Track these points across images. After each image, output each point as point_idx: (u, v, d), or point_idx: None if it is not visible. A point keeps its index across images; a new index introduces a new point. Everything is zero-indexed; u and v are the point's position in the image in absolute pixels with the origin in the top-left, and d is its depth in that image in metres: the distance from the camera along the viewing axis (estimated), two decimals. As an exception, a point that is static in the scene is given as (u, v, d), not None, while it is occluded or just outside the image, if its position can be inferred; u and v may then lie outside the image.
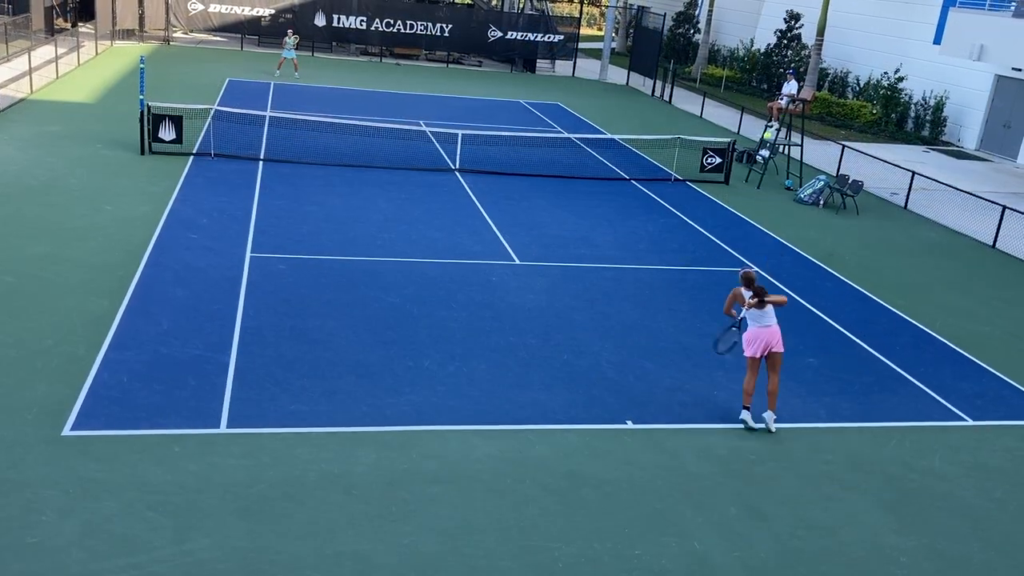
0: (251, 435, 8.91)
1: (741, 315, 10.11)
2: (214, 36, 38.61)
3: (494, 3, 42.69)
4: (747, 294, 9.97)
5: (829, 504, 8.77)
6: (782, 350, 9.96)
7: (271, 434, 8.97)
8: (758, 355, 9.89)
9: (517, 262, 14.76)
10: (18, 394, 9.23)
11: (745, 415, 10.01)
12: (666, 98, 35.24)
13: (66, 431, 8.66)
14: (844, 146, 24.99)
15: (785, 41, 37.84)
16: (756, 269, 14.26)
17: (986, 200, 20.33)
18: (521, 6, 41.92)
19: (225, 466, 8.35)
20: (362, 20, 37.93)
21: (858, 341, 12.90)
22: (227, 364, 10.28)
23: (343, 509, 7.92)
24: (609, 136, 24.88)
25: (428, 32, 38.72)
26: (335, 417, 9.40)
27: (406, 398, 9.95)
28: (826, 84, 36.58)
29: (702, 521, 8.28)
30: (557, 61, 41.33)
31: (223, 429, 8.97)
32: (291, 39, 30.84)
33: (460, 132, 21.45)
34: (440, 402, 9.94)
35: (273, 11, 37.08)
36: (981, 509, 8.96)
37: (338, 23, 37.73)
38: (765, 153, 22.89)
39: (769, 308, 9.91)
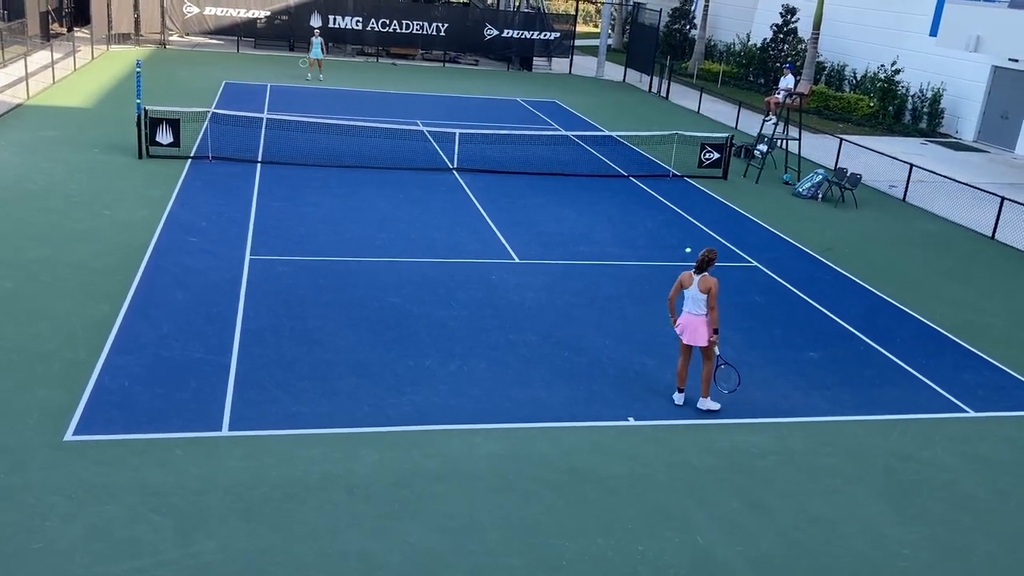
0: (253, 437, 8.92)
1: (720, 365, 10.24)
2: (210, 39, 38.60)
3: (490, 2, 42.67)
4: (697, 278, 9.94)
5: (831, 497, 8.79)
6: (695, 343, 9.95)
7: (273, 436, 8.98)
8: (684, 341, 10.08)
9: (516, 260, 14.77)
10: (19, 399, 9.24)
11: (676, 397, 10.32)
12: (663, 94, 35.24)
13: (68, 436, 8.67)
14: (842, 139, 24.99)
15: (781, 35, 37.84)
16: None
17: (984, 191, 20.34)
18: (517, 4, 41.91)
19: (227, 468, 8.36)
20: (358, 20, 37.91)
21: (858, 334, 12.90)
22: (228, 366, 10.29)
23: (346, 509, 7.93)
24: (607, 133, 24.87)
25: (424, 32, 38.70)
26: (337, 418, 9.41)
27: (407, 398, 9.96)
28: (823, 78, 36.58)
29: (704, 515, 8.29)
30: (553, 59, 41.30)
31: (225, 431, 8.97)
32: (319, 39, 31.12)
33: (457, 131, 21.46)
34: (441, 401, 9.95)
35: (269, 13, 37.07)
36: (983, 500, 8.97)
37: (334, 24, 37.72)
38: (763, 147, 22.89)
39: (694, 293, 9.85)
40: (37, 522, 7.40)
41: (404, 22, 38.38)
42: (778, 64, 36.68)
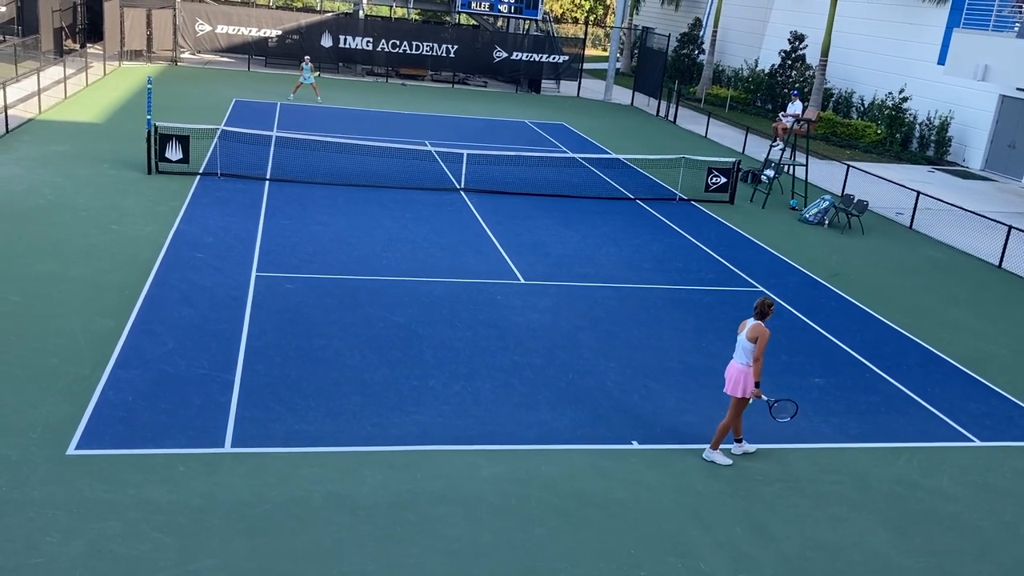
0: (256, 454, 8.90)
1: (773, 403, 9.57)
2: (221, 57, 38.86)
3: (499, 24, 42.90)
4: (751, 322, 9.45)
5: (836, 524, 8.72)
6: (733, 394, 9.43)
7: (276, 454, 8.95)
8: (725, 389, 9.62)
9: (522, 281, 14.76)
10: (23, 413, 9.23)
11: (735, 447, 9.84)
12: (671, 118, 35.35)
13: (71, 450, 8.66)
14: (849, 166, 25.02)
15: (789, 62, 37.97)
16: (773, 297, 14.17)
17: (992, 220, 20.32)
18: (526, 27, 42.16)
19: (230, 486, 8.33)
20: (368, 41, 38.16)
21: (864, 361, 12.85)
22: (232, 383, 10.28)
23: (349, 529, 7.89)
24: (614, 156, 24.93)
25: (434, 53, 38.93)
26: (340, 437, 9.39)
27: (411, 418, 9.93)
28: (831, 104, 36.67)
29: (708, 541, 8.23)
30: (562, 81, 41.49)
31: (228, 448, 8.95)
32: (308, 64, 30.99)
33: (465, 152, 21.53)
34: (445, 422, 9.92)
35: (280, 32, 37.34)
36: (989, 530, 8.90)
37: (344, 44, 37.96)
38: (770, 173, 22.92)
39: (742, 340, 9.42)
40: (38, 537, 7.38)
41: (414, 43, 38.62)
42: (786, 90, 36.80)
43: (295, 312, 12.51)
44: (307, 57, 32.12)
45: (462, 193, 20.31)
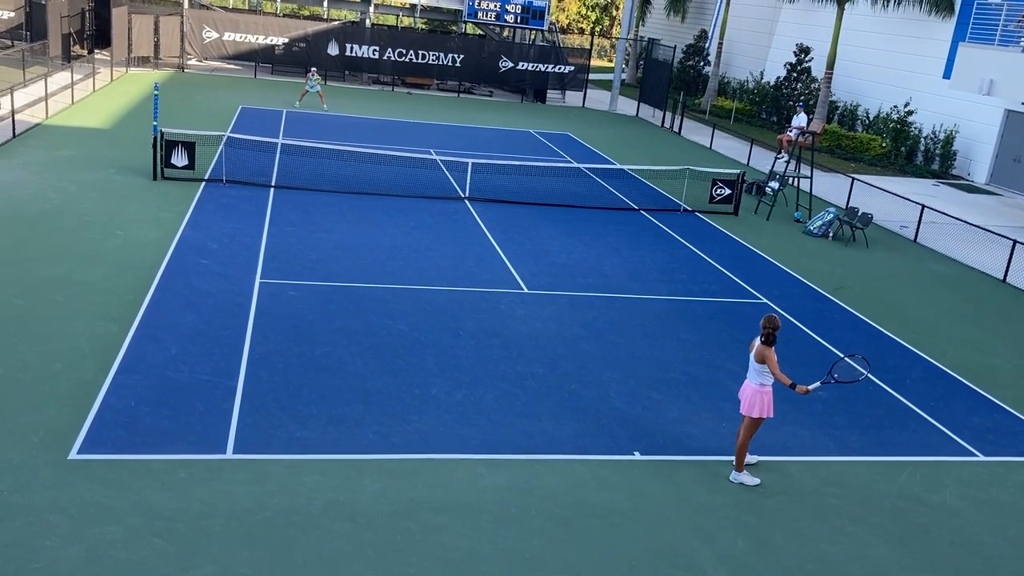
0: (257, 461, 8.89)
1: (832, 378, 9.44)
2: (228, 64, 39.00)
3: (506, 34, 43.01)
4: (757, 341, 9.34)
5: (838, 538, 8.69)
6: (749, 414, 9.30)
7: (277, 460, 8.94)
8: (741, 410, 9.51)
9: (525, 290, 14.76)
10: (26, 417, 9.24)
11: (734, 475, 9.62)
12: (675, 129, 35.39)
13: (73, 455, 8.66)
14: (853, 179, 25.01)
15: (795, 74, 38.02)
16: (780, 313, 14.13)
17: (996, 234, 20.29)
18: (532, 37, 42.27)
19: (231, 492, 8.32)
20: (374, 50, 38.28)
21: (867, 374, 12.81)
22: (235, 390, 10.28)
23: (349, 538, 7.87)
24: (618, 166, 24.95)
25: (440, 62, 39.04)
26: (341, 444, 9.38)
27: (413, 426, 9.92)
28: (836, 117, 36.69)
29: (709, 553, 8.20)
30: (567, 92, 41.57)
31: (229, 455, 8.95)
32: (314, 76, 31.12)
33: (470, 161, 21.56)
34: (447, 431, 9.90)
35: (287, 40, 37.47)
36: (992, 546, 8.86)
37: (351, 53, 38.08)
38: (775, 185, 22.93)
39: (751, 361, 9.33)
40: (38, 542, 7.37)
41: (420, 52, 38.74)
42: (791, 103, 36.84)
43: (298, 319, 12.52)
44: (313, 69, 32.22)
45: (466, 202, 20.33)
